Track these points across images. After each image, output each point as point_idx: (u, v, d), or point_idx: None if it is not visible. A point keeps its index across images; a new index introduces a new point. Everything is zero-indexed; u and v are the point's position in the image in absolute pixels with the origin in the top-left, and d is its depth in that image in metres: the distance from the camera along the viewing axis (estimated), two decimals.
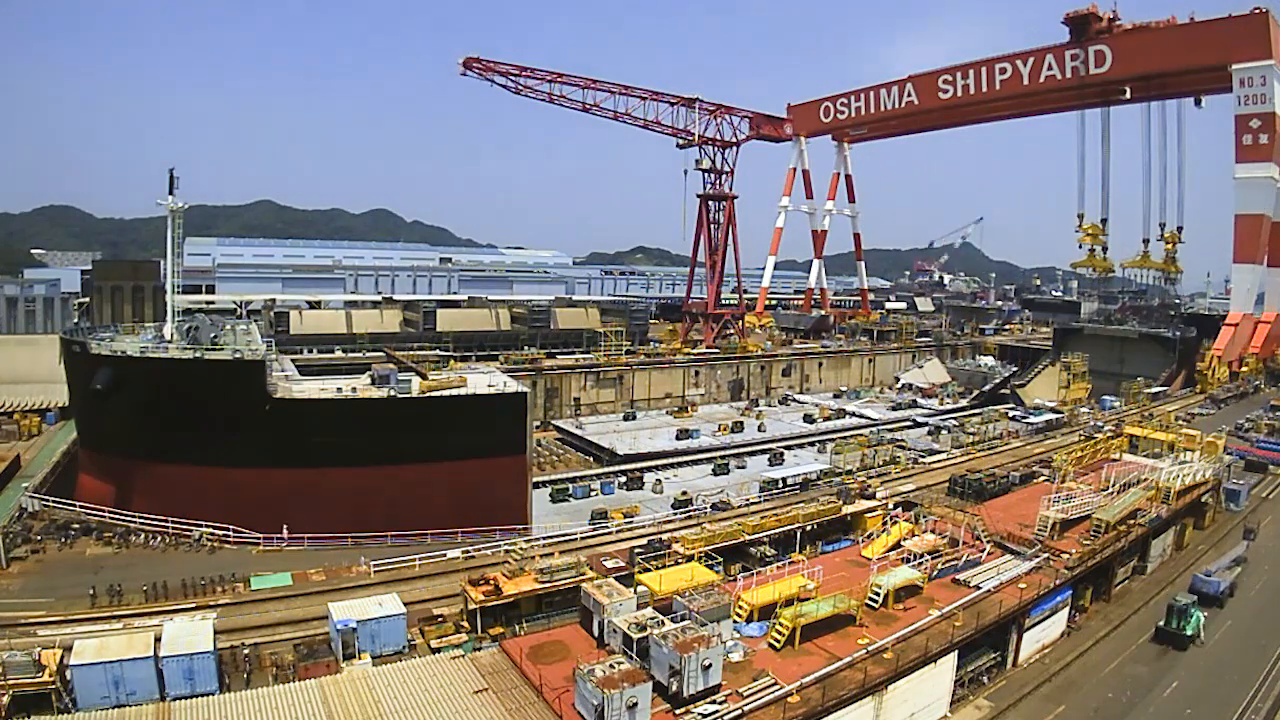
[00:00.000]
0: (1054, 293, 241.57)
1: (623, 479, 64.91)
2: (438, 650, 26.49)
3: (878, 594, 30.67)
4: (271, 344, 49.99)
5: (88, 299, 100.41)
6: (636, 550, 35.20)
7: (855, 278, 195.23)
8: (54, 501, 40.64)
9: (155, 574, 32.51)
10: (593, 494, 62.07)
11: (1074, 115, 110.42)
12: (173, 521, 38.15)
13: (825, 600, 28.91)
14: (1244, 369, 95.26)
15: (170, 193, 44.89)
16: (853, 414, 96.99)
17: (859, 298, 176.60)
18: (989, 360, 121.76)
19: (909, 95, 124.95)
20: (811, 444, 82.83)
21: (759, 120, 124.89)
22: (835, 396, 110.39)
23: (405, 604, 28.28)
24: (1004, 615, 30.99)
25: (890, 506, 42.52)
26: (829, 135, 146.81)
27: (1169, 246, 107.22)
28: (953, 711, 29.30)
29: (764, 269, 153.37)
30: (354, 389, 45.53)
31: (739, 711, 23.09)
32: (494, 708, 22.24)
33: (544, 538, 40.27)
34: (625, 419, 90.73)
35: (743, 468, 71.03)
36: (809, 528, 39.71)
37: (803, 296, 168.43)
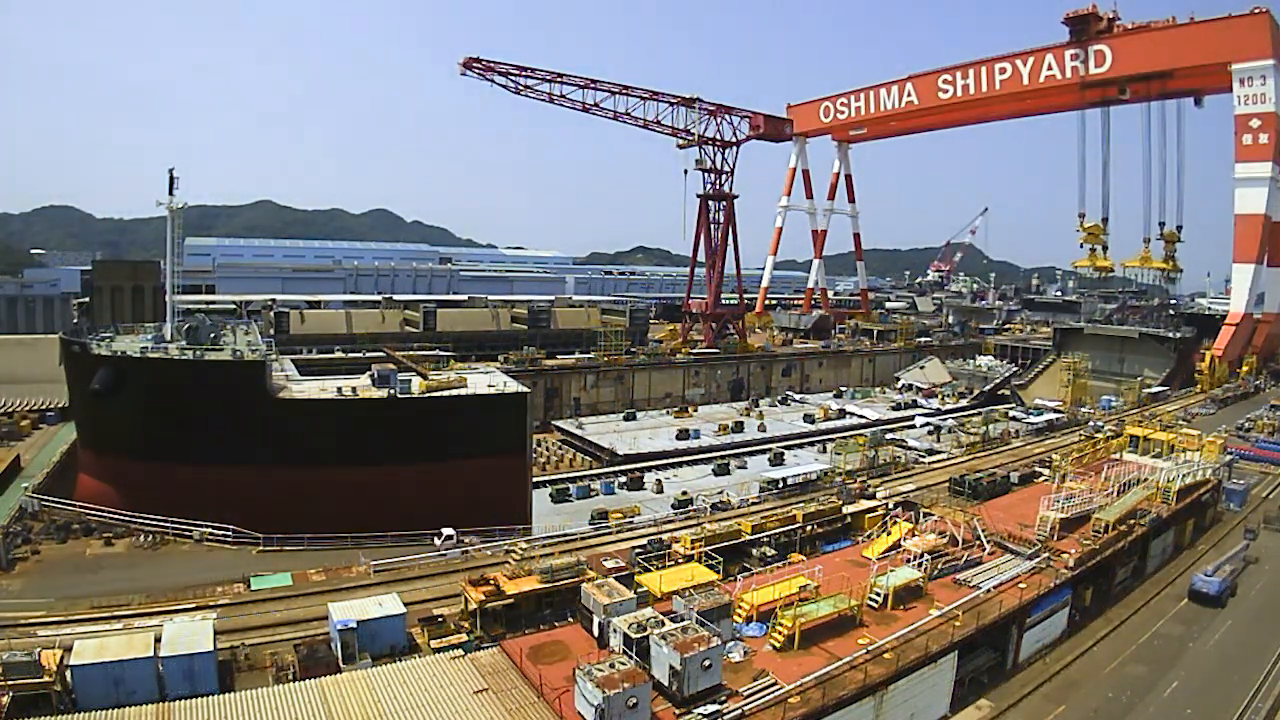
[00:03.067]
0: (1054, 293, 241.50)
1: (623, 479, 64.89)
2: (438, 650, 26.47)
3: (878, 594, 30.67)
4: (271, 344, 49.98)
5: (87, 299, 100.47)
6: (636, 550, 35.22)
7: (855, 278, 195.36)
8: (54, 501, 40.63)
9: (155, 574, 32.51)
10: (593, 494, 62.08)
11: (1074, 115, 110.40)
12: (173, 521, 38.14)
13: (825, 600, 28.90)
14: (1243, 369, 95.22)
15: (170, 193, 44.94)
16: (853, 414, 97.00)
17: (859, 298, 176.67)
18: (989, 360, 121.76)
19: (909, 95, 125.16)
20: (812, 444, 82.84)
21: (759, 120, 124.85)
22: (835, 396, 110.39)
23: (405, 604, 28.24)
24: (1004, 615, 30.96)
25: (890, 506, 42.49)
26: (829, 135, 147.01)
27: (1169, 246, 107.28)
28: (953, 711, 29.28)
29: (763, 269, 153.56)
30: (354, 389, 45.51)
31: (739, 711, 23.08)
32: (494, 708, 22.22)
33: (544, 538, 40.23)
34: (625, 419, 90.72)
35: (743, 468, 71.03)
36: (809, 528, 39.69)
37: (803, 296, 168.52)
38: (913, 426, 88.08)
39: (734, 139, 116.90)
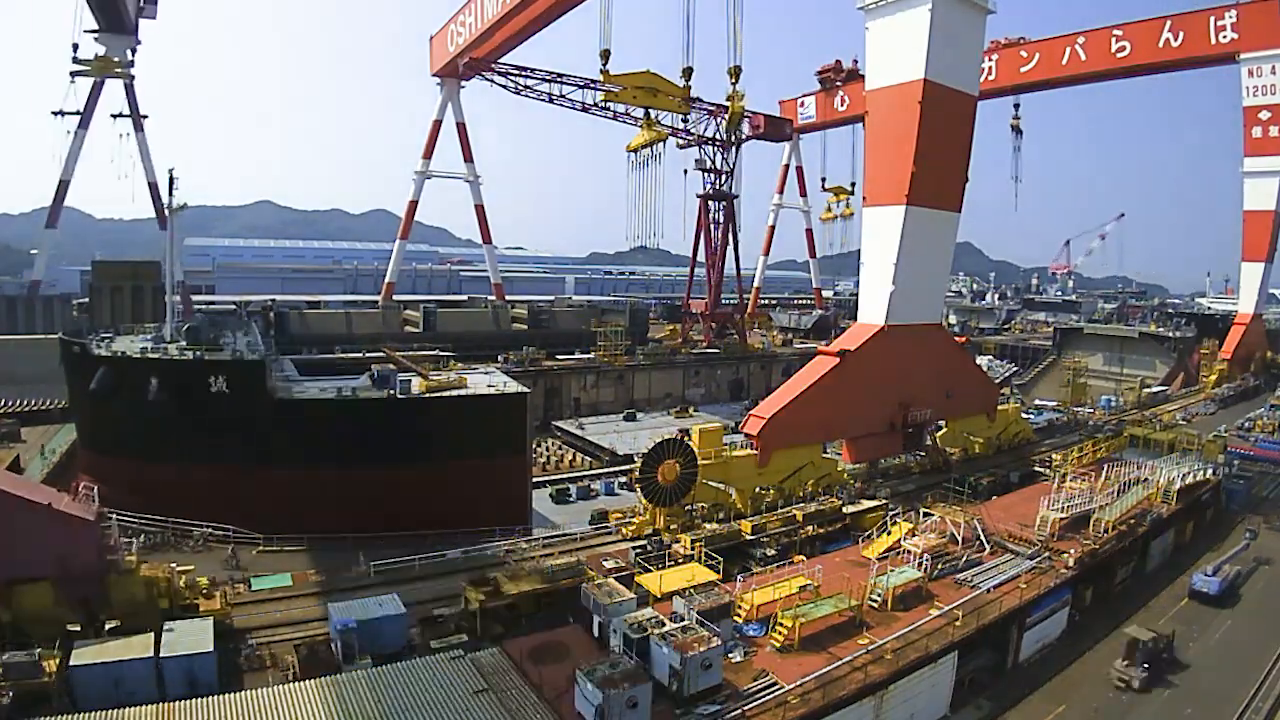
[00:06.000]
0: (1054, 292, 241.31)
1: (623, 479, 64.81)
2: (438, 650, 26.47)
3: (878, 594, 30.67)
4: (271, 344, 49.89)
5: (87, 299, 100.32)
6: (636, 550, 35.21)
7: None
8: None
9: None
10: (593, 494, 62.04)
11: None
12: (173, 521, 38.11)
13: (825, 600, 28.90)
14: (1250, 369, 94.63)
15: (170, 193, 44.96)
16: None
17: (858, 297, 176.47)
18: (989, 360, 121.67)
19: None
20: None
21: (759, 120, 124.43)
22: None
23: (405, 604, 28.25)
24: (1004, 615, 30.97)
25: (890, 506, 42.49)
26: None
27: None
28: (953, 711, 29.29)
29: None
30: (354, 389, 45.48)
31: (739, 711, 23.09)
32: (494, 708, 22.21)
33: (544, 537, 40.22)
34: (625, 419, 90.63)
35: None
36: (809, 528, 39.68)
37: (802, 296, 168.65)
38: None
39: (734, 139, 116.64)
